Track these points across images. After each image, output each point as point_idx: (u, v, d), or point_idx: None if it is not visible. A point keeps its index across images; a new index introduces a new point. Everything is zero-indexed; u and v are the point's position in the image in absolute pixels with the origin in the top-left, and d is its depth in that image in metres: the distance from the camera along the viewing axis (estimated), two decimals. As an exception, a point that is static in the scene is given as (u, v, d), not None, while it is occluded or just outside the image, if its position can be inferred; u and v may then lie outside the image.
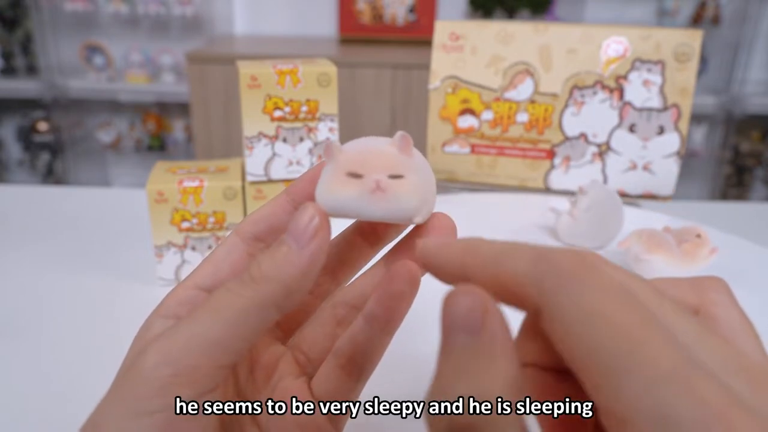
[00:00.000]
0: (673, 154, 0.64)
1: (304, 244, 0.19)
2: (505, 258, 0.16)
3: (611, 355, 0.13)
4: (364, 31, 1.96)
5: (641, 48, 0.63)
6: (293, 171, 0.48)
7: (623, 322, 0.13)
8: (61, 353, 0.40)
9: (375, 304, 0.22)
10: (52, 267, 0.51)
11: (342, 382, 0.23)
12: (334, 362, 0.23)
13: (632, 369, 0.13)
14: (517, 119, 0.66)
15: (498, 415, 0.13)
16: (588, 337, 0.14)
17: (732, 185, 2.08)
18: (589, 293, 0.14)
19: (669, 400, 0.12)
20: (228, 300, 0.19)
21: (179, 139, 2.17)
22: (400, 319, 0.22)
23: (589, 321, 0.14)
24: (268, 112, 0.46)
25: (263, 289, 0.19)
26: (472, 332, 0.15)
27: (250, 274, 0.19)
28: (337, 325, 0.24)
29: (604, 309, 0.14)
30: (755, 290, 0.48)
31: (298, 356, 0.24)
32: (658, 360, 0.13)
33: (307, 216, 0.19)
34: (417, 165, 0.22)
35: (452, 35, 0.67)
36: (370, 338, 0.22)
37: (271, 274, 0.19)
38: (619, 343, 0.13)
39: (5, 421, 0.34)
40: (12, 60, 2.05)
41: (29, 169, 2.24)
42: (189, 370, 0.18)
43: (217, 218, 0.47)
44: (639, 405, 0.13)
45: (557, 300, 0.14)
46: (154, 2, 1.93)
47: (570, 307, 0.14)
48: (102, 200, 0.67)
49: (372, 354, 0.22)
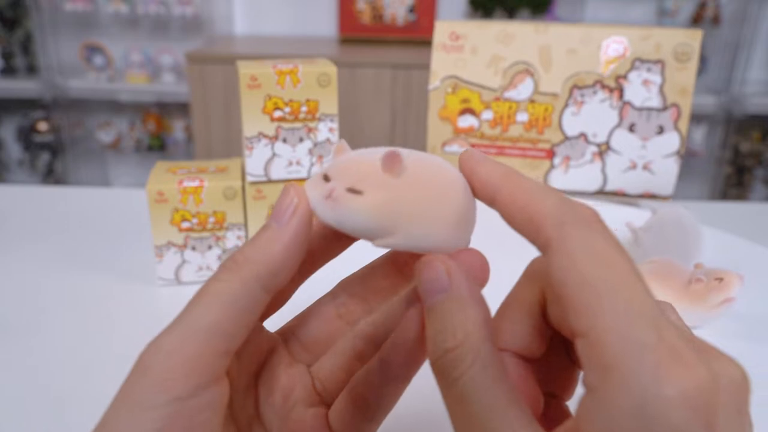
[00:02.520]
0: (672, 154, 0.64)
1: (284, 222, 0.20)
2: (536, 194, 0.19)
3: (603, 282, 0.16)
4: (364, 31, 1.95)
5: (641, 48, 0.63)
6: (293, 171, 0.48)
7: (618, 262, 0.17)
8: (61, 353, 0.40)
9: (389, 350, 0.21)
10: (52, 267, 0.51)
11: (356, 419, 0.22)
12: (348, 398, 0.23)
13: (617, 298, 0.16)
14: (517, 119, 0.66)
15: (471, 344, 0.18)
16: (588, 267, 0.16)
17: (732, 185, 2.08)
18: (596, 237, 0.17)
19: (637, 328, 0.15)
20: (216, 287, 0.19)
21: (179, 139, 2.17)
22: (416, 368, 0.22)
23: (592, 255, 0.17)
24: (268, 112, 0.46)
25: (247, 272, 0.19)
26: (444, 290, 0.19)
27: (233, 260, 0.20)
28: (356, 358, 0.24)
29: (607, 251, 0.17)
30: (755, 290, 0.48)
31: (316, 384, 0.24)
32: (639, 300, 0.16)
33: (288, 198, 0.20)
34: (400, 186, 0.20)
35: (452, 35, 0.67)
36: (384, 382, 0.22)
37: (253, 257, 0.19)
38: (612, 277, 0.16)
39: (5, 421, 0.34)
40: (12, 60, 2.05)
41: (29, 169, 2.24)
42: (188, 361, 0.18)
43: (217, 218, 0.47)
44: (614, 325, 0.16)
45: (570, 235, 0.17)
46: (154, 2, 1.93)
47: (579, 242, 0.17)
48: (102, 200, 0.67)
49: (386, 398, 0.22)
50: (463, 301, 0.19)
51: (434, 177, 0.21)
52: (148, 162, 2.21)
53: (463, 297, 0.19)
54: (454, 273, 0.19)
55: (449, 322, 0.18)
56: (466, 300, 0.19)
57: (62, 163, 2.17)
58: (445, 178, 0.21)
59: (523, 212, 0.19)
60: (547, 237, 0.18)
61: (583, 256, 0.17)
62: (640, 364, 0.15)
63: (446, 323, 0.18)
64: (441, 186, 0.20)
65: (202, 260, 0.48)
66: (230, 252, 0.49)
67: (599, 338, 0.16)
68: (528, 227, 0.19)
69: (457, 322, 0.18)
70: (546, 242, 0.18)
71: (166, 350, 0.18)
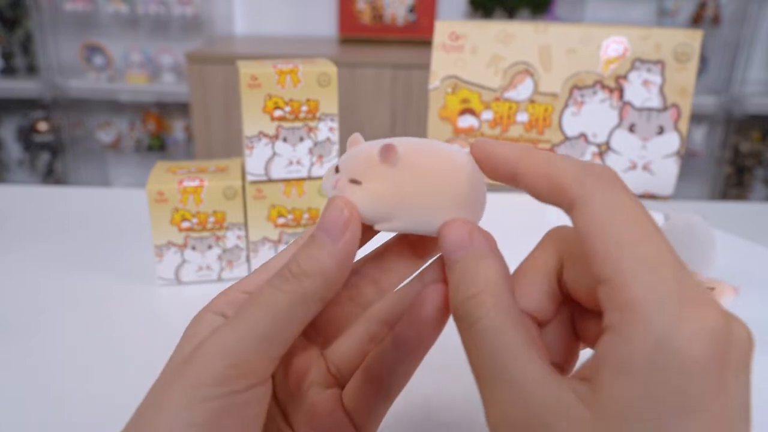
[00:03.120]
0: (672, 154, 0.64)
1: (336, 237, 0.20)
2: (556, 161, 0.20)
3: (628, 233, 0.17)
4: (364, 31, 1.95)
5: (641, 48, 0.63)
6: (293, 171, 0.48)
7: (640, 216, 0.18)
8: (61, 353, 0.40)
9: (404, 326, 0.22)
10: (51, 267, 0.51)
11: (369, 397, 0.23)
12: (362, 378, 0.23)
13: (641, 247, 0.17)
14: (517, 119, 0.66)
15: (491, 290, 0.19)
16: (613, 220, 0.18)
17: (732, 185, 2.08)
18: (618, 193, 0.18)
19: (659, 272, 0.16)
20: (274, 296, 0.20)
21: (179, 139, 2.17)
22: (430, 344, 0.22)
23: (616, 210, 0.18)
24: (268, 112, 0.46)
25: (305, 284, 0.20)
26: (465, 248, 0.20)
27: (290, 271, 0.20)
28: (369, 341, 0.24)
29: (629, 205, 0.18)
30: (756, 290, 0.48)
31: (330, 366, 0.25)
32: (660, 250, 0.17)
33: (337, 209, 0.21)
34: (395, 175, 0.21)
35: (452, 35, 0.67)
36: (398, 360, 0.23)
37: (310, 269, 0.20)
38: (636, 228, 0.17)
39: (5, 421, 0.34)
40: (12, 60, 2.04)
41: (29, 169, 2.24)
42: (242, 363, 0.19)
43: (217, 218, 0.47)
44: (637, 270, 0.17)
45: (594, 192, 0.18)
46: (154, 2, 1.93)
47: (603, 199, 0.18)
48: (102, 200, 0.67)
49: (399, 375, 0.23)
50: (484, 254, 0.20)
51: (432, 164, 0.22)
52: (148, 162, 2.20)
53: (484, 251, 0.20)
54: (474, 232, 0.21)
55: (471, 272, 0.20)
56: (487, 254, 0.20)
57: (62, 163, 2.17)
58: (445, 164, 0.22)
59: (545, 179, 0.20)
60: (571, 197, 0.19)
61: (608, 211, 0.18)
62: (661, 304, 0.16)
63: (468, 273, 0.20)
64: (439, 172, 0.21)
65: (202, 260, 0.48)
66: (230, 252, 0.49)
67: (623, 281, 0.17)
68: (552, 192, 0.20)
69: (479, 271, 0.20)
70: (571, 202, 0.19)
71: (223, 351, 0.19)
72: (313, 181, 0.48)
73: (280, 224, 0.49)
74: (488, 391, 0.18)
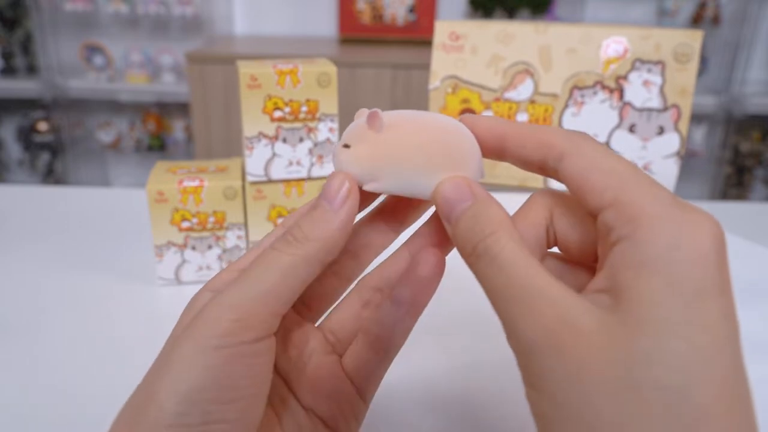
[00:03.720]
0: (673, 155, 0.64)
1: (338, 206, 0.22)
2: (541, 127, 0.23)
3: (621, 168, 0.20)
4: (364, 31, 1.95)
5: (641, 48, 0.63)
6: (293, 171, 0.48)
7: (625, 160, 0.20)
8: (61, 353, 0.40)
9: (402, 288, 0.24)
10: (51, 267, 0.51)
11: (370, 360, 0.25)
12: (363, 341, 0.25)
13: (635, 176, 0.20)
14: (517, 119, 0.66)
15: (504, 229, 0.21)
16: (606, 160, 0.20)
17: (732, 185, 2.08)
18: (600, 146, 0.21)
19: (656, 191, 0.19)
20: (277, 257, 0.22)
21: (179, 139, 2.17)
22: (426, 303, 0.24)
23: (605, 155, 0.20)
24: (268, 112, 0.46)
25: (307, 248, 0.22)
26: (467, 200, 0.22)
27: (293, 236, 0.22)
28: (363, 307, 0.26)
29: (611, 152, 0.21)
30: (756, 290, 0.48)
31: (328, 335, 0.26)
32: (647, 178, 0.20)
33: (338, 181, 0.23)
34: (381, 139, 0.23)
35: (452, 35, 0.67)
36: (397, 320, 0.24)
37: (312, 235, 0.22)
38: (626, 166, 0.20)
39: (5, 421, 0.34)
40: (12, 60, 2.04)
41: (29, 169, 2.24)
42: (248, 316, 0.21)
43: (217, 218, 0.47)
44: (638, 190, 0.19)
45: (581, 144, 0.21)
46: (154, 2, 1.93)
47: (591, 148, 0.21)
48: (102, 200, 0.67)
49: (398, 334, 0.25)
50: (490, 201, 0.22)
51: (416, 128, 0.23)
52: (148, 162, 2.20)
53: (488, 199, 0.22)
54: (474, 185, 0.22)
55: (484, 216, 0.21)
56: (492, 200, 0.22)
57: (62, 163, 2.17)
58: (429, 126, 0.23)
59: (533, 139, 0.22)
60: (560, 150, 0.21)
61: (599, 155, 0.20)
62: (667, 212, 0.18)
63: (481, 217, 0.21)
64: (422, 134, 0.23)
65: (202, 260, 0.48)
66: (230, 252, 0.49)
67: (627, 201, 0.19)
68: (540, 148, 0.22)
69: (491, 213, 0.21)
70: (560, 154, 0.21)
71: (230, 305, 0.21)
72: (313, 182, 0.48)
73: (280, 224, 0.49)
74: (516, 310, 0.19)
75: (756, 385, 0.18)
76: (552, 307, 0.18)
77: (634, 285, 0.18)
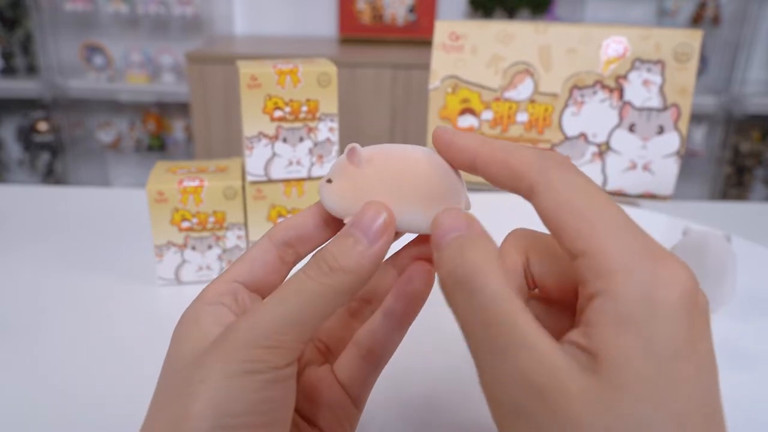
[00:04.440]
0: (672, 154, 0.64)
1: (374, 239, 0.22)
2: (513, 149, 0.22)
3: (591, 208, 0.19)
4: (364, 31, 1.95)
5: (641, 48, 0.63)
6: (293, 171, 0.48)
7: (598, 193, 0.20)
8: (61, 353, 0.40)
9: (393, 301, 0.24)
10: (51, 267, 0.51)
11: (362, 369, 0.26)
12: (355, 352, 0.26)
13: (606, 219, 0.19)
14: (517, 119, 0.66)
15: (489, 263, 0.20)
16: (576, 198, 0.19)
17: (732, 185, 2.08)
18: (574, 176, 0.20)
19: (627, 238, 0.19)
20: (309, 285, 0.22)
21: (179, 139, 2.17)
22: (416, 315, 0.25)
23: (576, 189, 0.20)
24: (268, 112, 0.46)
25: (339, 279, 0.22)
26: (460, 229, 0.21)
27: (327, 264, 0.22)
28: (351, 317, 0.27)
29: (586, 185, 0.20)
30: (755, 290, 0.48)
31: (319, 345, 0.27)
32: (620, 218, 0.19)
33: (376, 212, 0.22)
34: (359, 174, 0.23)
35: (452, 35, 0.67)
36: (388, 331, 0.25)
37: (346, 266, 0.22)
38: (597, 203, 0.19)
39: (5, 421, 0.34)
40: (12, 60, 2.04)
41: (29, 169, 2.24)
42: (279, 343, 0.21)
43: (217, 218, 0.47)
44: (609, 239, 0.19)
45: (553, 176, 0.20)
46: (154, 2, 1.93)
47: (563, 181, 0.20)
48: (102, 200, 0.67)
49: (389, 345, 0.26)
50: (483, 236, 0.21)
51: (395, 164, 0.24)
52: (148, 162, 2.20)
53: (482, 234, 0.21)
54: (472, 219, 0.22)
55: (469, 249, 0.20)
56: (485, 236, 0.21)
57: (62, 163, 2.17)
58: (402, 161, 0.24)
59: (504, 166, 0.21)
60: (530, 182, 0.20)
61: (570, 191, 0.20)
62: (639, 265, 0.18)
63: (464, 250, 0.20)
64: (401, 171, 0.23)
65: (202, 260, 0.48)
66: (230, 252, 0.49)
67: (599, 251, 0.18)
68: (511, 178, 0.21)
69: (480, 247, 0.20)
70: (530, 187, 0.21)
71: (263, 331, 0.21)
72: (312, 182, 0.48)
73: (280, 224, 0.49)
74: (496, 359, 0.19)
75: (754, 386, 0.18)
76: (539, 363, 0.18)
77: (612, 344, 0.18)
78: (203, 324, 0.22)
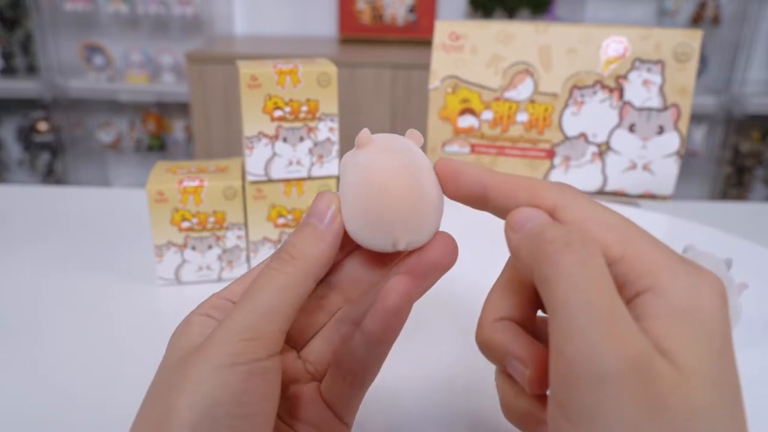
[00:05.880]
0: (672, 154, 0.64)
1: (327, 223, 0.24)
2: (528, 179, 0.23)
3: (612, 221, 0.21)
4: (364, 31, 1.95)
5: (641, 48, 0.63)
6: (293, 171, 0.48)
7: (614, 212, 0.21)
8: (60, 353, 0.40)
9: (370, 320, 0.24)
10: (51, 267, 0.51)
11: (344, 390, 0.25)
12: (336, 373, 0.25)
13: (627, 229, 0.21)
14: (517, 119, 0.66)
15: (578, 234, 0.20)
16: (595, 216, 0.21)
17: (732, 185, 2.08)
18: (592, 200, 0.22)
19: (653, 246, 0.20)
20: (276, 276, 0.23)
21: (179, 139, 2.17)
22: (396, 334, 0.24)
23: (595, 206, 0.21)
24: (268, 112, 0.46)
25: (301, 264, 0.23)
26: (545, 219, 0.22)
27: (289, 254, 0.23)
28: (341, 341, 0.26)
29: (603, 206, 0.21)
30: (755, 290, 0.48)
31: (308, 366, 0.27)
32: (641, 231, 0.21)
33: (326, 201, 0.24)
34: (343, 184, 0.25)
35: (452, 35, 0.67)
36: (368, 352, 0.24)
37: (307, 252, 0.23)
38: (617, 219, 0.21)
39: (5, 421, 0.34)
40: (12, 60, 2.04)
41: (29, 169, 2.24)
42: (259, 335, 0.22)
43: (217, 218, 0.47)
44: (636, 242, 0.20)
45: (574, 194, 0.22)
46: (154, 2, 1.93)
47: (583, 201, 0.22)
48: (102, 200, 0.67)
49: (370, 365, 0.25)
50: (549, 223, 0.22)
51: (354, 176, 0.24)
52: (148, 162, 2.20)
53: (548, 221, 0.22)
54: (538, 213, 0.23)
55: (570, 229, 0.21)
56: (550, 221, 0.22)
57: (62, 163, 2.17)
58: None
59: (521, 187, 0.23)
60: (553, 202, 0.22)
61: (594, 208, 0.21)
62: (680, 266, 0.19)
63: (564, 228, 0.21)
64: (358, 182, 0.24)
65: (202, 260, 0.48)
66: (230, 252, 0.49)
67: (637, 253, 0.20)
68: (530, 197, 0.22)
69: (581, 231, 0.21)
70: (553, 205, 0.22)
71: (243, 326, 0.22)
72: (313, 181, 0.48)
73: (280, 224, 0.49)
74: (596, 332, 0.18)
75: (762, 372, 0.18)
76: (637, 339, 0.18)
77: (671, 334, 0.18)
78: (192, 333, 0.23)
